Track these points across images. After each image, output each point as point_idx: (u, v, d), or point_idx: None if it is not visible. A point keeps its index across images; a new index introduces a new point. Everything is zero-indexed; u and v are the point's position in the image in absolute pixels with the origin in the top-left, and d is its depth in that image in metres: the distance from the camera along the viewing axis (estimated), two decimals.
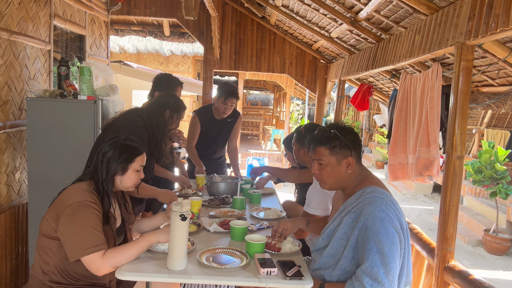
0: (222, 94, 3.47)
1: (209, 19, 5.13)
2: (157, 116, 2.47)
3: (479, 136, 8.21)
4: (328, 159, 1.76)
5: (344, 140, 1.74)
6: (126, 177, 1.85)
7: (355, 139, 1.78)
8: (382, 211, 1.61)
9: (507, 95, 2.93)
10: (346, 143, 1.74)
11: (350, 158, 1.75)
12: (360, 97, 4.87)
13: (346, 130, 1.79)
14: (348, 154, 1.75)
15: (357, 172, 1.78)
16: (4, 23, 2.69)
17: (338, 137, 1.74)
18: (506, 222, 6.54)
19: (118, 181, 1.85)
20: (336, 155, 1.75)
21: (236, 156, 3.81)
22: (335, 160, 1.75)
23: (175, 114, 2.52)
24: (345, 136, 1.75)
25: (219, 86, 3.57)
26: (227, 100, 3.46)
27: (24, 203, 2.98)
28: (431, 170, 2.96)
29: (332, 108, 20.03)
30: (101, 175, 1.80)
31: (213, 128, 3.64)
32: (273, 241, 2.02)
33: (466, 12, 2.06)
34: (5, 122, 2.77)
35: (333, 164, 1.76)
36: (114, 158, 1.81)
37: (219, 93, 3.50)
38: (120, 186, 1.88)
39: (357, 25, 3.57)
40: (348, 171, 1.75)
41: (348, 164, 1.75)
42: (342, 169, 1.75)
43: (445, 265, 2.12)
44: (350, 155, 1.75)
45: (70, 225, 1.65)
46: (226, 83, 3.68)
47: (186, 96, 11.25)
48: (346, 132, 1.77)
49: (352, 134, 1.78)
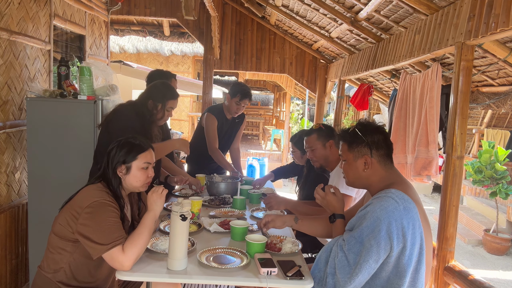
0: (237, 94, 3.42)
1: (209, 19, 5.12)
2: (142, 106, 2.46)
3: (479, 136, 8.22)
4: (346, 155, 1.78)
5: (364, 138, 1.73)
6: (132, 176, 1.83)
7: (379, 140, 1.74)
8: (385, 211, 1.58)
9: (507, 95, 2.93)
10: (366, 142, 1.73)
11: (367, 157, 1.73)
12: (360, 97, 4.87)
13: (372, 129, 1.77)
14: (365, 153, 1.73)
15: (381, 174, 1.74)
16: (4, 23, 2.69)
17: (357, 135, 1.74)
18: (506, 222, 6.55)
19: (124, 181, 1.83)
20: (353, 152, 1.76)
21: (238, 156, 3.81)
22: (352, 157, 1.76)
23: (158, 103, 2.47)
24: (367, 135, 1.74)
25: (234, 85, 3.54)
26: (242, 101, 3.44)
27: (24, 203, 2.98)
28: (429, 170, 2.95)
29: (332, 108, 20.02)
30: (109, 175, 1.81)
31: (224, 128, 3.63)
32: (274, 241, 2.02)
33: (466, 12, 2.06)
34: (5, 122, 2.77)
35: (350, 161, 1.77)
36: (117, 156, 1.81)
37: (234, 92, 3.45)
38: (128, 186, 1.86)
39: (357, 25, 3.57)
40: (365, 170, 1.74)
41: (365, 163, 1.73)
42: (359, 167, 1.75)
43: (445, 265, 2.12)
44: (367, 154, 1.73)
45: (91, 223, 1.65)
46: (240, 83, 3.66)
47: (186, 96, 11.26)
48: (370, 132, 1.75)
49: (378, 134, 1.75)
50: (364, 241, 1.58)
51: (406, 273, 1.60)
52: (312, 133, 2.60)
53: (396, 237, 1.57)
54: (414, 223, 1.61)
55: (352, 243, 1.61)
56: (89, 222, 1.66)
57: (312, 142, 2.58)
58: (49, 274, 1.76)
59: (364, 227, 1.60)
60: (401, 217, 1.58)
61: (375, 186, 1.75)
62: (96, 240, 1.63)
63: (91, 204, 1.68)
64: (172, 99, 2.52)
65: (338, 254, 1.64)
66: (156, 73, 3.17)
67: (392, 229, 1.56)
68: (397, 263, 1.60)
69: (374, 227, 1.57)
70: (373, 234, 1.57)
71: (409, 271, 1.61)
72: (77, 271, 1.76)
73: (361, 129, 1.76)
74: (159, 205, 1.78)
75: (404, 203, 1.61)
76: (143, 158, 1.85)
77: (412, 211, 1.62)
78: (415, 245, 1.62)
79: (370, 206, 1.64)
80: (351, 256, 1.60)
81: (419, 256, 1.64)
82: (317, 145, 2.56)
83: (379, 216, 1.58)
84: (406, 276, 1.60)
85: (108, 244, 1.63)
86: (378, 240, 1.56)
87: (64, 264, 1.75)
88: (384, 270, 1.62)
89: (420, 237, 1.64)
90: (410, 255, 1.60)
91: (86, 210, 1.67)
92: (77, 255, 1.74)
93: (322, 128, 2.59)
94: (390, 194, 1.62)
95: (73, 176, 2.77)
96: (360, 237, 1.59)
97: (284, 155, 10.29)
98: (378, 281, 1.64)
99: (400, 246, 1.58)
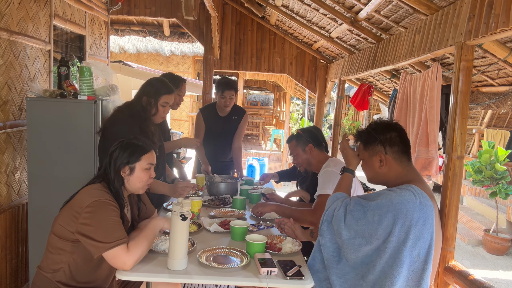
0: (219, 88, 3.48)
1: (209, 19, 5.12)
2: (136, 104, 2.47)
3: (479, 136, 8.21)
4: (363, 154, 1.85)
5: (376, 137, 1.77)
6: (135, 177, 1.83)
7: (392, 138, 1.77)
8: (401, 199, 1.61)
9: (507, 95, 2.93)
10: (379, 140, 1.77)
11: (382, 155, 1.77)
12: (360, 97, 4.87)
13: (384, 127, 1.81)
14: (379, 150, 1.77)
15: (398, 171, 1.78)
16: (4, 23, 2.69)
17: (370, 134, 1.80)
18: (506, 222, 6.54)
19: (128, 182, 1.84)
20: (368, 151, 1.82)
21: (239, 155, 3.76)
22: (368, 155, 1.82)
23: (151, 99, 2.45)
24: (379, 133, 1.77)
25: (217, 81, 3.59)
26: (225, 93, 3.46)
27: (24, 203, 2.98)
28: (429, 170, 2.96)
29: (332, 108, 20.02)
30: (111, 176, 1.81)
31: (218, 125, 3.64)
32: (274, 241, 2.02)
33: (466, 12, 2.06)
34: (5, 122, 2.77)
35: (366, 159, 1.83)
36: (120, 157, 1.81)
37: (217, 88, 3.51)
38: (130, 188, 1.86)
39: (357, 25, 3.57)
40: (381, 167, 1.78)
41: (380, 161, 1.77)
42: (375, 165, 1.79)
43: (445, 265, 2.12)
44: (381, 152, 1.77)
45: (91, 222, 1.65)
46: (223, 77, 3.69)
47: (186, 96, 11.25)
48: (383, 130, 1.79)
49: (392, 132, 1.79)
50: (367, 213, 1.63)
51: (403, 264, 1.61)
52: (291, 140, 2.67)
53: (401, 226, 1.59)
54: (426, 219, 1.63)
55: (357, 207, 1.67)
56: (90, 221, 1.65)
57: (292, 148, 2.65)
58: (49, 274, 1.76)
59: (374, 203, 1.65)
60: (414, 209, 1.61)
61: (393, 183, 1.79)
62: (97, 238, 1.63)
63: (91, 204, 1.68)
64: (166, 93, 2.48)
65: (340, 209, 1.70)
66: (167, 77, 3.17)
67: (400, 216, 1.59)
68: (396, 253, 1.61)
69: (383, 206, 1.62)
70: (380, 212, 1.61)
71: (405, 263, 1.61)
72: (77, 271, 1.76)
73: (374, 128, 1.82)
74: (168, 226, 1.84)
75: (422, 199, 1.64)
76: (147, 159, 1.86)
77: (427, 208, 1.64)
78: (420, 241, 1.62)
79: (388, 190, 1.69)
80: (349, 217, 1.66)
81: (426, 255, 1.65)
82: (297, 150, 2.62)
83: (392, 200, 1.62)
84: (402, 267, 1.61)
85: (110, 242, 1.63)
86: (381, 219, 1.60)
87: (64, 264, 1.75)
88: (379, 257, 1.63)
89: (430, 236, 1.65)
90: (412, 248, 1.61)
91: (86, 210, 1.67)
92: (76, 255, 1.74)
93: (300, 134, 2.63)
94: (411, 188, 1.67)
95: (73, 176, 2.77)
96: (367, 208, 1.65)
97: (284, 155, 10.29)
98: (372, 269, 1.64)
99: (402, 236, 1.60)
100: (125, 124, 2.36)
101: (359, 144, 1.87)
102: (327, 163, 2.45)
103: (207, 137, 3.63)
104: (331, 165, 2.39)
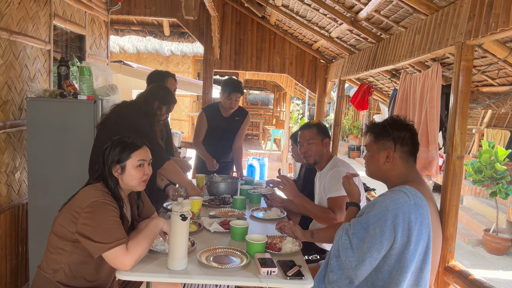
0: (226, 90, 3.48)
1: (209, 19, 5.12)
2: (146, 105, 2.49)
3: (479, 136, 8.22)
4: (371, 146, 1.84)
5: (390, 132, 1.77)
6: (128, 175, 1.82)
7: (405, 137, 1.78)
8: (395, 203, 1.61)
9: (507, 95, 2.93)
10: (391, 136, 1.77)
11: (390, 151, 1.77)
12: (360, 97, 4.86)
13: (400, 125, 1.81)
14: (389, 146, 1.78)
15: (400, 170, 1.78)
16: (4, 23, 2.69)
17: (384, 128, 1.79)
18: (506, 222, 6.55)
19: (122, 180, 1.83)
20: (377, 144, 1.81)
21: (240, 155, 3.77)
22: (376, 148, 1.81)
23: (163, 106, 2.55)
24: (394, 130, 1.78)
25: (223, 82, 3.58)
26: (231, 95, 3.47)
27: (24, 203, 2.98)
28: (430, 170, 2.95)
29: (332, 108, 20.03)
30: (106, 175, 1.81)
31: (221, 126, 3.64)
32: (274, 241, 2.02)
33: (466, 12, 2.06)
34: (5, 122, 2.77)
35: (373, 152, 1.82)
36: (111, 156, 1.81)
37: (223, 88, 3.51)
38: (126, 186, 1.86)
39: (357, 25, 3.57)
40: (386, 163, 1.78)
41: (387, 157, 1.77)
42: (381, 160, 1.79)
43: (445, 265, 2.12)
44: (391, 148, 1.77)
45: (91, 222, 1.65)
46: (230, 78, 3.69)
47: (186, 96, 11.27)
48: (398, 128, 1.79)
49: (406, 132, 1.79)
50: (369, 228, 1.62)
51: (408, 268, 1.61)
52: (312, 127, 2.60)
53: (401, 229, 1.59)
54: (423, 220, 1.63)
55: (357, 228, 1.66)
56: (90, 221, 1.65)
57: (313, 135, 2.53)
58: (49, 274, 1.76)
59: (371, 215, 1.64)
60: (410, 211, 1.61)
61: (392, 181, 1.79)
62: (97, 239, 1.63)
63: (91, 204, 1.68)
64: (174, 103, 2.65)
65: (343, 237, 1.69)
66: (154, 73, 3.18)
67: (399, 220, 1.59)
68: (401, 257, 1.62)
69: (381, 216, 1.61)
70: (379, 223, 1.60)
71: (411, 266, 1.62)
72: (77, 271, 1.76)
73: (390, 123, 1.82)
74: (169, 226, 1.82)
75: (416, 199, 1.64)
76: (137, 156, 1.84)
77: (423, 208, 1.64)
78: (420, 242, 1.63)
79: (381, 197, 1.68)
80: (354, 240, 1.64)
81: (424, 255, 1.65)
82: (317, 139, 2.53)
83: (387, 207, 1.61)
84: (408, 271, 1.61)
85: (110, 242, 1.63)
86: (382, 229, 1.59)
87: (64, 264, 1.74)
88: (386, 263, 1.64)
89: (428, 236, 1.65)
90: (414, 250, 1.61)
91: (86, 210, 1.67)
92: (76, 255, 1.74)
93: (321, 124, 2.62)
94: (403, 189, 1.66)
95: (73, 176, 2.77)
96: (366, 224, 1.64)
97: (284, 155, 10.29)
98: (380, 275, 1.65)
99: (404, 239, 1.60)
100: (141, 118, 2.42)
101: (370, 135, 1.86)
102: (334, 162, 2.48)
103: (209, 137, 3.63)
104: (339, 165, 2.40)
